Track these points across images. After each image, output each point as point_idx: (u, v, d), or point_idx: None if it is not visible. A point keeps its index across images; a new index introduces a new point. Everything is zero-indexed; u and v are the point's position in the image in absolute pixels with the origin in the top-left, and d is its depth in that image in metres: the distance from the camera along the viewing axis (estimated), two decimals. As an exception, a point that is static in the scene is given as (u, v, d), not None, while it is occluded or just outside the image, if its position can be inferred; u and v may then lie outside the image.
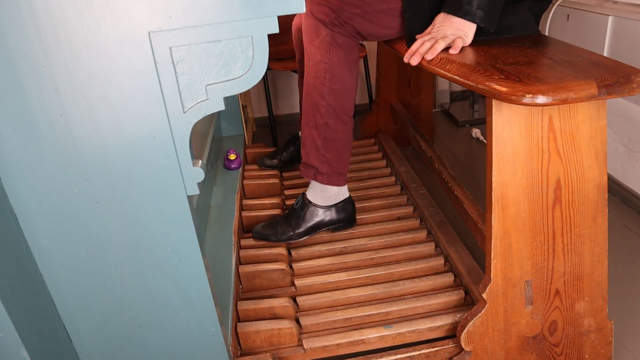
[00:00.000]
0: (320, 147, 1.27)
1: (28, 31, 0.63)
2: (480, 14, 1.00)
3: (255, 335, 1.06)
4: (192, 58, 0.67)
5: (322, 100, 1.22)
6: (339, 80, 1.22)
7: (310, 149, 1.29)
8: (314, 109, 1.24)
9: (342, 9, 1.16)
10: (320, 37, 1.19)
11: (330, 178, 1.29)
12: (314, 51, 1.21)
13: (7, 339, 0.71)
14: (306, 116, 1.27)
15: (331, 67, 1.20)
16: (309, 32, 1.21)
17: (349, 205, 1.37)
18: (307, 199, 1.34)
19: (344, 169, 1.31)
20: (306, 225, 1.33)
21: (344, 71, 1.21)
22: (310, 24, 1.20)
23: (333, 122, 1.24)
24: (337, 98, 1.23)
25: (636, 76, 0.77)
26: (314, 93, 1.23)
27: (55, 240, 0.76)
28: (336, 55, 1.20)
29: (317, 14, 1.18)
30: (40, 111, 0.67)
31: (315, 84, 1.22)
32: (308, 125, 1.27)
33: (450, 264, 1.26)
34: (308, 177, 1.31)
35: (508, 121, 0.84)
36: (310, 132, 1.27)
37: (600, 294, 0.96)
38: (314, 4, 1.18)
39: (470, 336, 0.97)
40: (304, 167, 1.32)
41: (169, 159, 0.73)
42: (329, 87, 1.22)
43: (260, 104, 2.42)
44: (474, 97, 2.31)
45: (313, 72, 1.22)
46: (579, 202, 0.90)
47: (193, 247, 0.80)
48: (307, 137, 1.28)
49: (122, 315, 0.84)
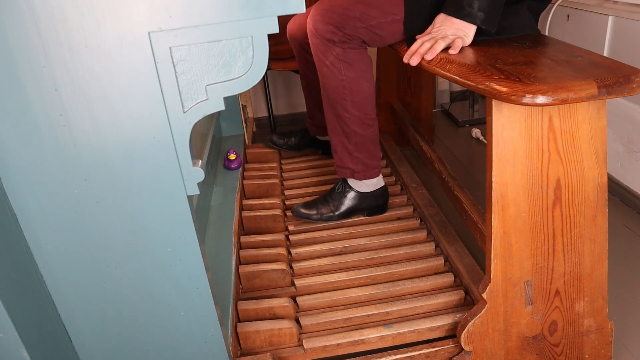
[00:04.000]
0: (352, 151, 1.33)
1: (28, 31, 0.63)
2: (481, 16, 1.00)
3: (255, 335, 1.06)
4: (192, 58, 0.67)
5: (345, 112, 1.27)
6: (359, 93, 1.25)
7: (342, 154, 1.34)
8: (339, 120, 1.29)
9: (347, 24, 1.16)
10: (331, 56, 1.21)
11: (366, 174, 1.37)
12: (327, 71, 1.23)
13: (7, 339, 0.71)
14: (332, 126, 1.32)
15: (349, 83, 1.23)
16: (319, 52, 1.22)
17: (385, 192, 1.45)
18: (349, 184, 1.40)
19: (377, 163, 1.38)
20: (346, 208, 1.41)
21: (362, 83, 1.24)
22: (319, 44, 1.20)
23: (360, 128, 1.29)
24: (359, 108, 1.27)
25: (636, 76, 0.77)
26: (336, 107, 1.27)
27: (55, 240, 0.76)
28: (351, 70, 1.22)
29: (324, 34, 1.18)
30: (40, 111, 0.67)
31: (336, 99, 1.26)
32: (336, 134, 1.32)
33: (450, 264, 1.26)
34: (345, 176, 1.38)
35: (508, 121, 0.84)
36: (339, 140, 1.32)
37: (600, 294, 0.96)
38: (319, 22, 1.18)
39: (470, 336, 0.97)
40: (339, 169, 1.38)
41: (169, 159, 0.73)
42: (350, 101, 1.25)
43: (260, 104, 2.42)
44: (474, 97, 2.31)
45: (332, 88, 1.25)
46: (579, 202, 0.90)
47: (193, 247, 0.80)
48: (338, 144, 1.34)
49: (122, 315, 0.84)
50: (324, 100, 1.30)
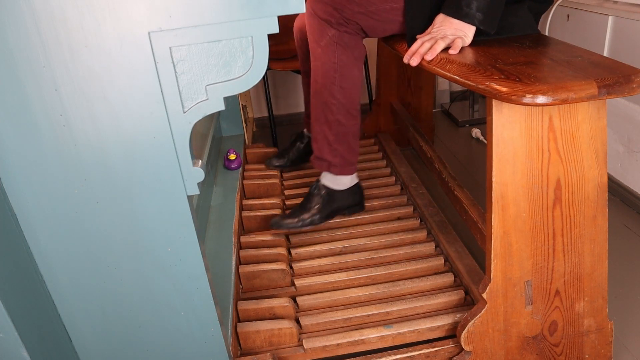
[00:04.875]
0: (332, 142, 1.30)
1: (28, 31, 0.63)
2: (479, 16, 1.00)
3: (255, 335, 1.06)
4: (192, 58, 0.67)
5: (332, 98, 1.25)
6: (349, 79, 1.23)
7: (322, 143, 1.32)
8: (325, 106, 1.26)
9: (345, 7, 1.16)
10: (326, 37, 1.19)
11: (343, 169, 1.34)
12: (320, 52, 1.22)
13: (7, 339, 0.71)
14: (316, 113, 1.29)
15: (340, 67, 1.22)
16: (314, 32, 1.21)
17: (360, 189, 1.44)
18: (324, 185, 1.37)
19: (354, 159, 1.36)
20: (326, 209, 1.38)
21: (353, 69, 1.23)
22: (315, 24, 1.20)
23: (344, 118, 1.27)
24: (347, 95, 1.25)
25: (636, 76, 0.77)
26: (323, 92, 1.25)
27: (55, 240, 0.76)
28: (344, 55, 1.21)
29: (321, 14, 1.17)
30: (40, 111, 0.67)
31: (325, 83, 1.24)
32: (319, 122, 1.30)
33: (450, 264, 1.26)
34: (321, 169, 1.35)
35: (508, 121, 0.84)
36: (321, 129, 1.30)
37: (600, 294, 0.96)
38: (317, 2, 1.18)
39: (470, 336, 0.97)
40: (316, 160, 1.35)
41: (169, 159, 0.73)
42: (339, 86, 1.23)
43: (260, 104, 2.42)
44: (474, 97, 2.31)
45: (322, 72, 1.23)
46: (579, 202, 0.90)
47: (193, 247, 0.80)
48: (319, 133, 1.31)
49: (122, 315, 0.84)
50: (312, 85, 1.27)
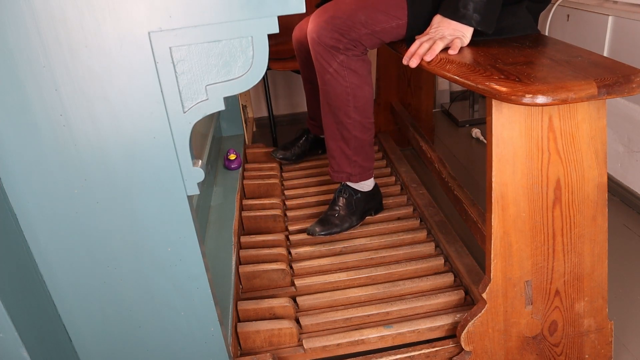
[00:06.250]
0: (351, 156, 1.32)
1: (28, 31, 0.63)
2: (476, 18, 1.00)
3: (255, 335, 1.06)
4: (192, 58, 0.67)
5: (347, 118, 1.26)
6: (361, 98, 1.25)
7: (340, 159, 1.33)
8: (340, 125, 1.28)
9: (352, 30, 1.15)
10: (335, 63, 1.19)
11: (362, 176, 1.37)
12: (329, 77, 1.22)
13: (7, 339, 0.71)
14: (331, 131, 1.31)
15: (352, 89, 1.23)
16: (322, 59, 1.20)
17: (379, 190, 1.48)
18: (353, 188, 1.40)
19: (372, 164, 1.38)
20: (359, 210, 1.41)
21: (364, 86, 1.24)
22: (322, 51, 1.19)
23: (360, 132, 1.29)
24: (361, 112, 1.27)
25: (636, 76, 0.77)
26: (337, 113, 1.26)
27: (55, 240, 0.76)
28: (355, 77, 1.22)
29: (328, 41, 1.16)
30: (40, 111, 0.67)
31: (339, 105, 1.25)
32: (334, 139, 1.31)
33: (450, 264, 1.26)
34: (340, 180, 1.37)
35: (508, 121, 0.84)
36: (338, 145, 1.31)
37: (600, 294, 0.96)
38: (323, 30, 1.16)
39: (470, 336, 0.97)
40: (335, 174, 1.37)
41: (169, 159, 0.73)
42: (353, 107, 1.25)
43: (260, 104, 2.43)
44: (474, 97, 2.31)
45: (333, 96, 1.24)
46: (579, 202, 0.90)
47: (193, 247, 0.80)
48: (336, 150, 1.33)
49: (122, 315, 0.84)
50: (324, 106, 1.29)
